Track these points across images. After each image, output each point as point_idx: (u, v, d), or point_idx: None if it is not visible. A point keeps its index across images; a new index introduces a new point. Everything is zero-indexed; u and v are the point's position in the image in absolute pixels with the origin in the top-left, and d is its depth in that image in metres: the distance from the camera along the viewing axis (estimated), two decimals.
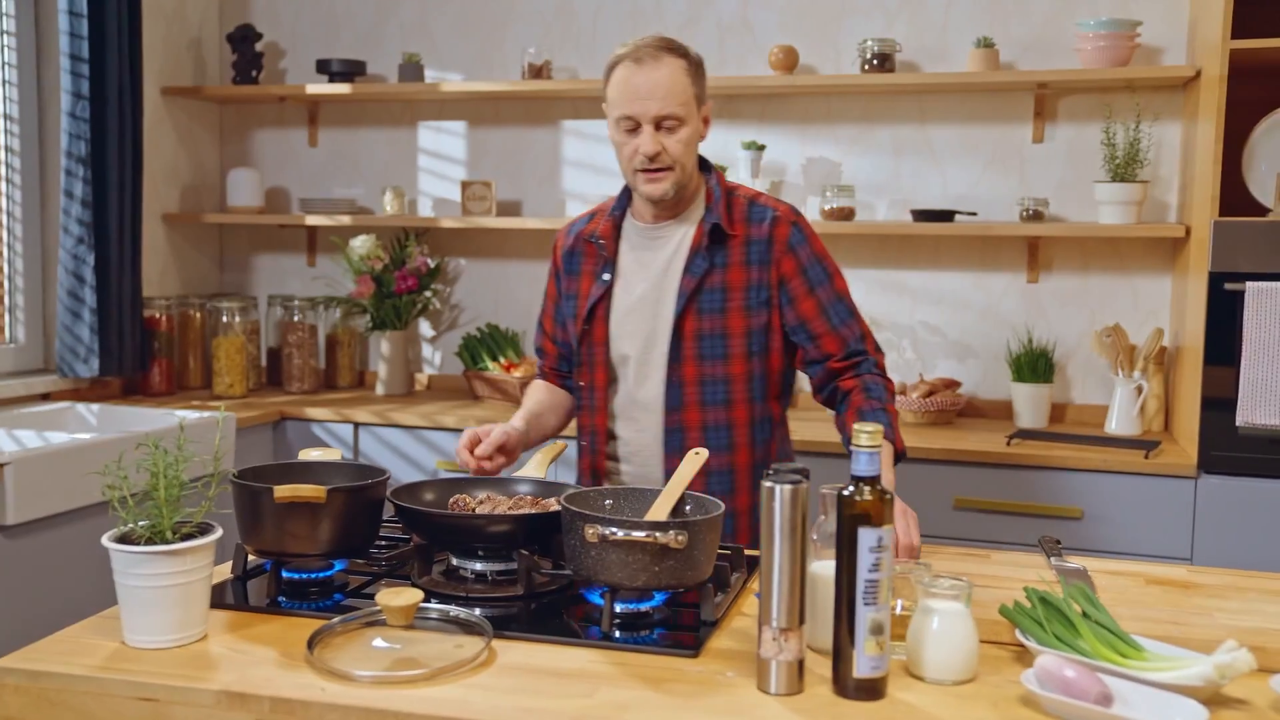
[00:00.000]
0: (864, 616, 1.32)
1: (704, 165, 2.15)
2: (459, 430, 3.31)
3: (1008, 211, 3.41)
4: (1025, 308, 3.44)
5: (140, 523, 1.46)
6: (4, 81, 3.36)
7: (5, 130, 3.37)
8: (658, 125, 2.00)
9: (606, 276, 2.14)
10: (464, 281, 3.91)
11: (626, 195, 2.18)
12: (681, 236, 2.11)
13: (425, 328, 3.96)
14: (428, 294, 3.83)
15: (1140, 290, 3.35)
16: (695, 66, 2.04)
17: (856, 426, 1.34)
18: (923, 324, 3.52)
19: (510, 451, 2.04)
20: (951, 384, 3.38)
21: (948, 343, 3.50)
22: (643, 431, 2.13)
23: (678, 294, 2.08)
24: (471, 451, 1.99)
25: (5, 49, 3.35)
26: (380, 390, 3.76)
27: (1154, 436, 3.14)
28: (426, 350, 3.96)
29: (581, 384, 2.19)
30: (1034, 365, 3.29)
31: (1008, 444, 3.01)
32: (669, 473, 2.00)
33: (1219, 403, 2.82)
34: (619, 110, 2.01)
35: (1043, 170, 3.40)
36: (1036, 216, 3.28)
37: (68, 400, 3.36)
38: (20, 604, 2.58)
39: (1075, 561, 1.82)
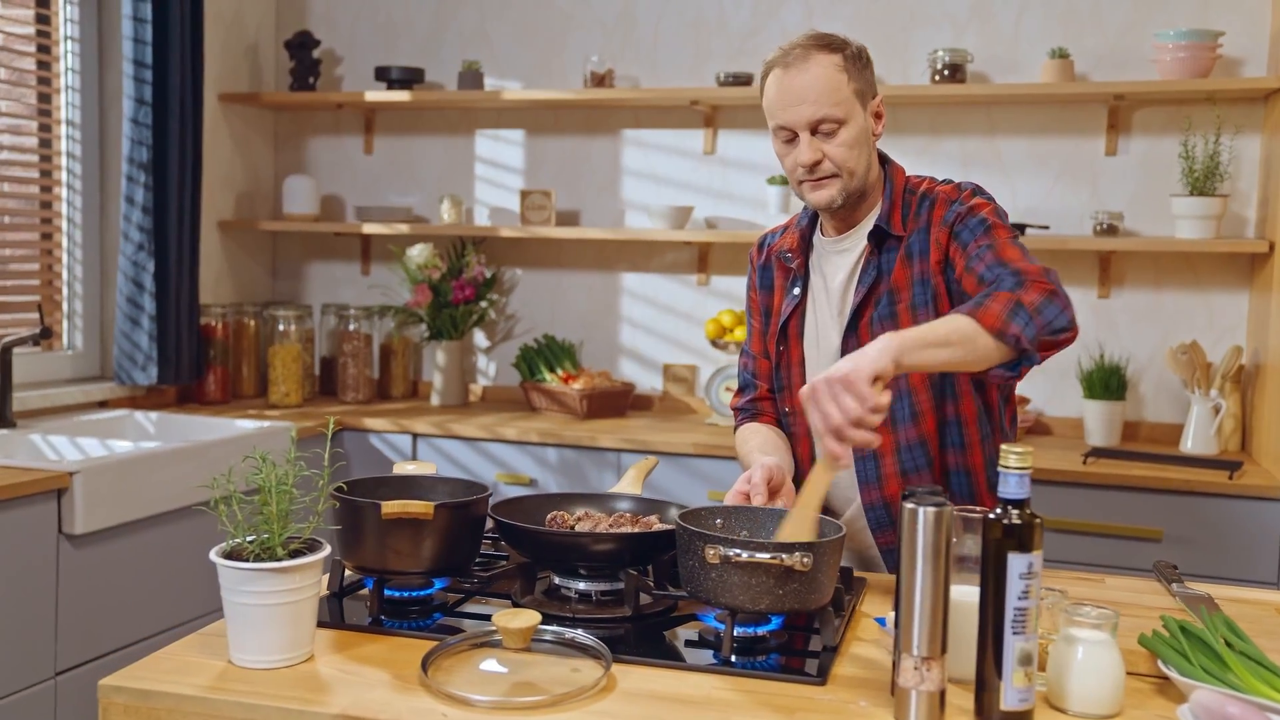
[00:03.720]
0: (1012, 646, 1.26)
1: (885, 162, 1.96)
2: (518, 443, 3.27)
3: (1079, 225, 3.34)
4: (1096, 323, 3.37)
5: (248, 538, 1.42)
6: (66, 87, 3.34)
7: (67, 135, 3.35)
8: (814, 130, 1.82)
9: (796, 291, 1.97)
10: (520, 292, 3.87)
11: None
12: (860, 247, 1.92)
13: (480, 338, 3.91)
14: (484, 304, 3.79)
15: (1216, 307, 3.28)
16: (853, 60, 1.85)
17: (1004, 448, 1.28)
18: None
19: (778, 485, 1.80)
20: (1020, 400, 3.32)
21: None
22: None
23: (852, 310, 1.89)
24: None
25: (69, 54, 3.33)
26: (435, 401, 3.71)
27: (1231, 456, 3.06)
28: (481, 361, 3.92)
29: (786, 410, 2.01)
30: (1106, 382, 3.22)
31: (1084, 462, 2.94)
32: (869, 506, 1.89)
33: None
34: (773, 121, 1.86)
35: (1116, 184, 3.34)
36: (1110, 230, 3.22)
37: (124, 408, 3.33)
38: (88, 613, 2.54)
39: (1198, 588, 1.76)
